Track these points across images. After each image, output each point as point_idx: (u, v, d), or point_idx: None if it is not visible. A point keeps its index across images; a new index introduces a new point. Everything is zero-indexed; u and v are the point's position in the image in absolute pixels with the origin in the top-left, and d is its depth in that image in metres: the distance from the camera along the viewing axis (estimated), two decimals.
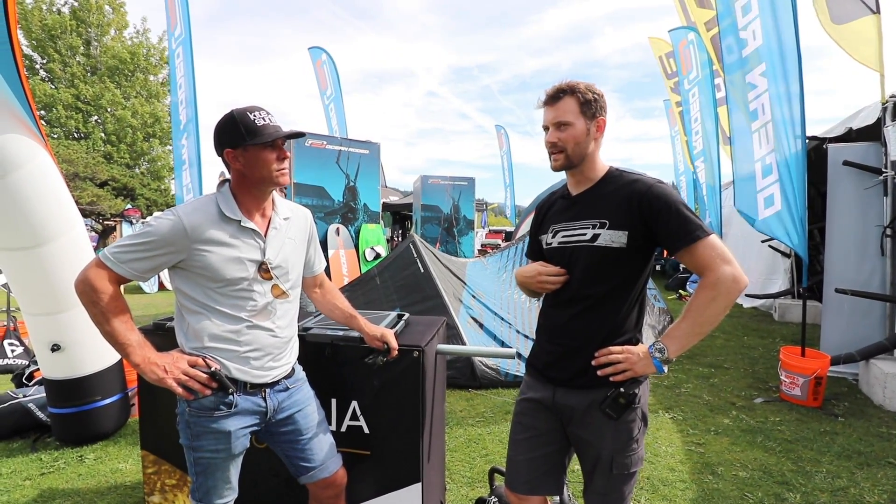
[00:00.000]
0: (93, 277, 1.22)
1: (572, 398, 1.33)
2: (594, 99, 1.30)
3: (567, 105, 1.30)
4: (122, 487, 2.49)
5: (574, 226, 1.35)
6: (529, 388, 1.45)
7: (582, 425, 1.32)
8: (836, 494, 2.40)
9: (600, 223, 1.29)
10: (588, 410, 1.30)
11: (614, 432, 1.28)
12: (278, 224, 1.43)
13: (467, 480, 2.55)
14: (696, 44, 7.88)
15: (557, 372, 1.36)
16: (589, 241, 1.30)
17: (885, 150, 3.90)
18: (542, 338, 1.44)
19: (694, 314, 1.21)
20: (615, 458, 1.28)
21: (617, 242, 1.26)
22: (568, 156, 1.32)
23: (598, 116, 1.32)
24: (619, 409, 1.26)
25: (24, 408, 3.06)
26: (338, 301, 1.69)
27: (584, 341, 1.31)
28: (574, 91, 1.30)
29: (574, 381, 1.33)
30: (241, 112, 1.30)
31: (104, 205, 13.59)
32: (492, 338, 4.31)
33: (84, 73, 18.66)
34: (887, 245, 3.93)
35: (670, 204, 1.22)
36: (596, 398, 1.29)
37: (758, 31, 3.87)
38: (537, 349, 1.46)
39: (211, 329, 1.31)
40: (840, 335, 4.08)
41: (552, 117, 1.32)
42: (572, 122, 1.30)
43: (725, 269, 1.17)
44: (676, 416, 3.38)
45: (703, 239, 1.19)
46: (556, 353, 1.37)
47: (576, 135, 1.30)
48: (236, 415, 1.35)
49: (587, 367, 1.30)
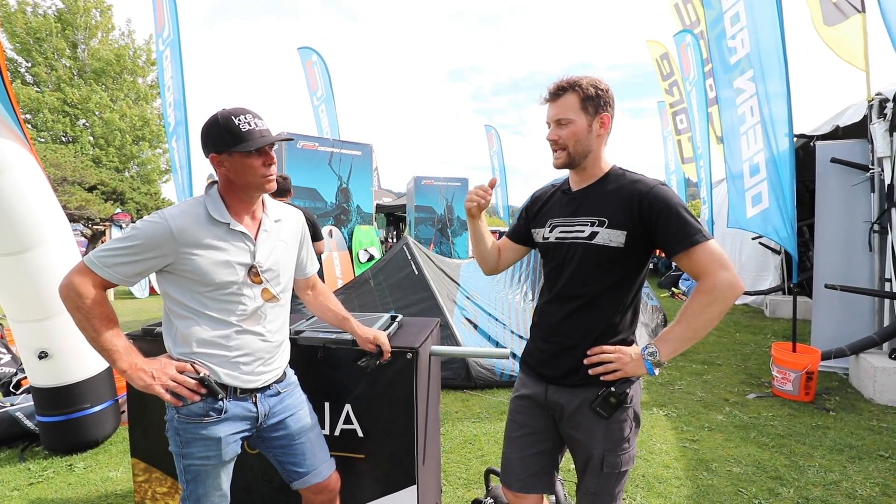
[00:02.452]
0: (77, 282, 1.19)
1: (563, 396, 1.33)
2: (597, 94, 1.27)
3: (568, 101, 1.28)
4: (112, 496, 2.45)
5: (573, 222, 1.33)
6: (523, 385, 1.46)
7: (573, 424, 1.32)
8: (828, 488, 2.42)
9: (599, 221, 1.28)
10: (579, 409, 1.30)
11: (605, 432, 1.28)
12: (269, 226, 1.40)
13: (463, 482, 2.54)
14: (693, 46, 8.09)
15: (550, 369, 1.36)
16: (587, 238, 1.29)
17: (871, 147, 3.95)
18: (537, 335, 1.44)
19: (689, 318, 1.20)
20: (606, 457, 1.28)
21: (615, 242, 1.25)
22: (570, 153, 1.30)
23: (602, 112, 1.28)
24: (610, 408, 1.25)
25: (11, 416, 3.00)
26: (330, 303, 1.67)
27: (577, 340, 1.31)
28: (576, 87, 1.27)
29: (566, 379, 1.33)
30: (226, 116, 1.25)
31: (93, 209, 13.40)
32: (486, 338, 4.31)
33: (70, 77, 18.41)
34: (875, 241, 3.99)
35: (671, 206, 1.21)
36: (587, 397, 1.28)
37: (745, 39, 3.93)
38: (531, 347, 1.46)
39: (200, 334, 1.29)
40: (830, 330, 4.13)
41: (553, 114, 1.30)
42: (573, 119, 1.27)
43: (723, 275, 1.15)
44: (670, 413, 3.40)
45: (701, 243, 1.18)
46: (550, 351, 1.37)
47: (576, 132, 1.28)
48: (226, 421, 1.32)
49: (579, 365, 1.30)
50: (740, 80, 3.97)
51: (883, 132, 3.77)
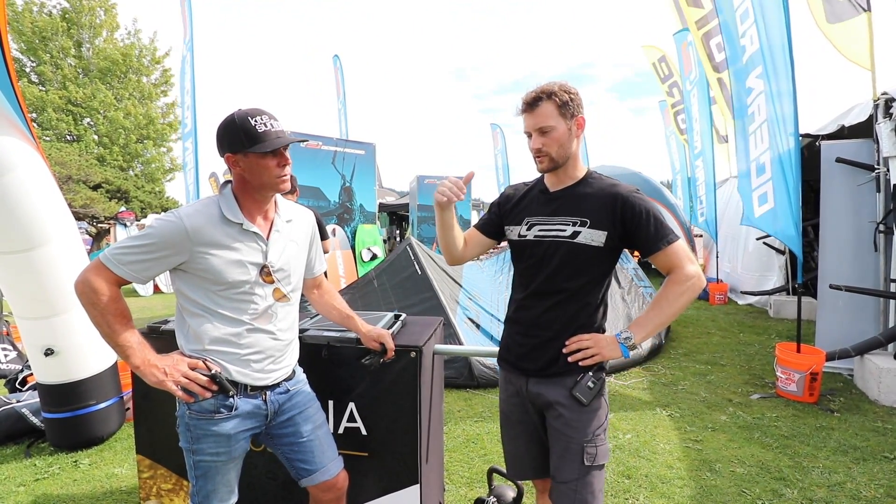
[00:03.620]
0: (93, 279, 1.22)
1: (543, 387, 1.39)
2: (570, 99, 1.34)
3: (546, 110, 1.34)
4: (117, 492, 2.47)
5: (553, 221, 1.40)
6: (508, 383, 1.50)
7: (554, 414, 1.38)
8: (832, 489, 2.41)
9: (581, 221, 1.35)
10: (559, 399, 1.36)
11: (584, 421, 1.35)
12: (280, 227, 1.42)
13: (466, 481, 2.54)
14: (694, 45, 8.00)
15: (530, 362, 1.42)
16: (569, 237, 1.36)
17: (877, 147, 3.93)
18: (515, 330, 1.48)
19: (664, 305, 1.32)
20: (585, 447, 1.34)
21: (596, 241, 1.33)
22: (553, 158, 1.37)
23: (577, 115, 1.36)
24: (589, 393, 1.34)
25: (17, 413, 3.02)
26: (335, 302, 1.68)
27: (557, 331, 1.38)
28: (551, 95, 1.33)
29: (546, 370, 1.39)
30: (243, 116, 1.27)
31: (98, 207, 13.46)
32: (489, 338, 4.32)
33: (76, 75, 18.50)
34: (880, 241, 3.96)
35: (649, 210, 1.33)
36: (567, 385, 1.36)
37: (754, 35, 3.90)
38: (508, 342, 1.51)
39: (212, 332, 1.31)
40: (835, 331, 4.10)
41: (533, 124, 1.36)
42: (553, 126, 1.34)
43: (692, 268, 1.31)
44: (674, 414, 3.39)
45: (675, 242, 1.32)
46: (529, 345, 1.42)
47: (558, 137, 1.34)
48: (237, 417, 1.34)
49: (559, 356, 1.37)
50: (749, 78, 3.95)
51: (889, 132, 3.74)
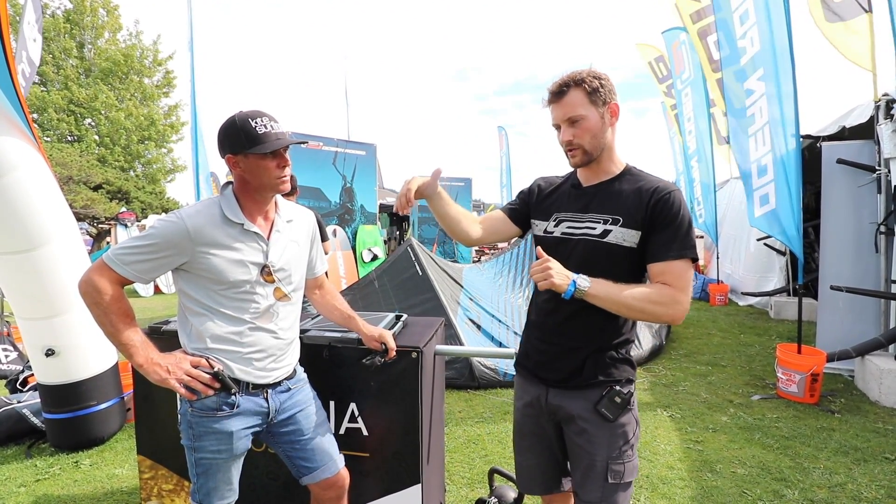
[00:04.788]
0: (96, 279, 1.23)
1: (565, 399, 1.29)
2: (601, 84, 1.21)
3: (574, 98, 1.21)
4: (118, 493, 2.47)
5: (582, 218, 1.28)
6: (524, 392, 1.41)
7: (576, 429, 1.28)
8: (833, 490, 2.41)
9: (613, 219, 1.23)
10: (581, 414, 1.26)
11: (609, 437, 1.24)
12: (281, 227, 1.43)
13: (467, 481, 2.54)
14: (687, 44, 7.92)
15: (550, 372, 1.32)
16: (598, 236, 1.23)
17: (877, 148, 3.93)
18: (535, 335, 1.38)
19: (632, 298, 1.15)
20: (610, 465, 1.23)
21: (629, 241, 1.21)
22: (586, 150, 1.24)
23: (609, 102, 1.23)
24: (615, 408, 1.23)
25: (18, 413, 3.02)
26: (336, 302, 1.69)
27: (581, 341, 1.27)
28: (580, 82, 1.20)
29: (568, 382, 1.29)
30: (244, 118, 1.29)
31: (98, 208, 13.47)
32: (489, 339, 4.32)
33: (77, 76, 18.53)
34: (881, 242, 3.96)
35: (685, 214, 1.20)
36: (591, 399, 1.25)
37: (755, 37, 3.90)
38: (528, 348, 1.41)
39: (214, 330, 1.32)
40: (836, 332, 4.10)
41: (561, 114, 1.23)
42: (584, 115, 1.21)
43: (684, 299, 1.17)
44: (674, 415, 3.39)
45: (688, 259, 1.18)
46: (550, 353, 1.32)
47: (590, 127, 1.21)
48: (239, 415, 1.35)
49: (582, 366, 1.26)
50: (749, 81, 3.95)
51: (890, 133, 3.74)
